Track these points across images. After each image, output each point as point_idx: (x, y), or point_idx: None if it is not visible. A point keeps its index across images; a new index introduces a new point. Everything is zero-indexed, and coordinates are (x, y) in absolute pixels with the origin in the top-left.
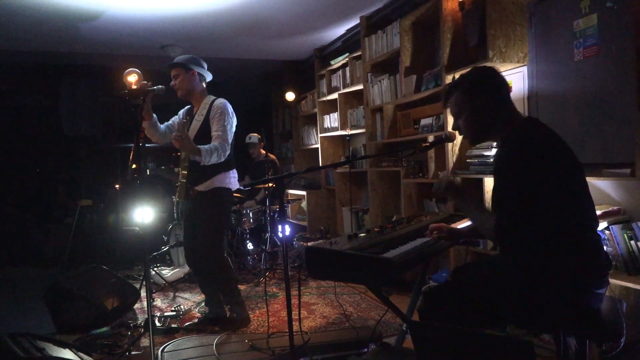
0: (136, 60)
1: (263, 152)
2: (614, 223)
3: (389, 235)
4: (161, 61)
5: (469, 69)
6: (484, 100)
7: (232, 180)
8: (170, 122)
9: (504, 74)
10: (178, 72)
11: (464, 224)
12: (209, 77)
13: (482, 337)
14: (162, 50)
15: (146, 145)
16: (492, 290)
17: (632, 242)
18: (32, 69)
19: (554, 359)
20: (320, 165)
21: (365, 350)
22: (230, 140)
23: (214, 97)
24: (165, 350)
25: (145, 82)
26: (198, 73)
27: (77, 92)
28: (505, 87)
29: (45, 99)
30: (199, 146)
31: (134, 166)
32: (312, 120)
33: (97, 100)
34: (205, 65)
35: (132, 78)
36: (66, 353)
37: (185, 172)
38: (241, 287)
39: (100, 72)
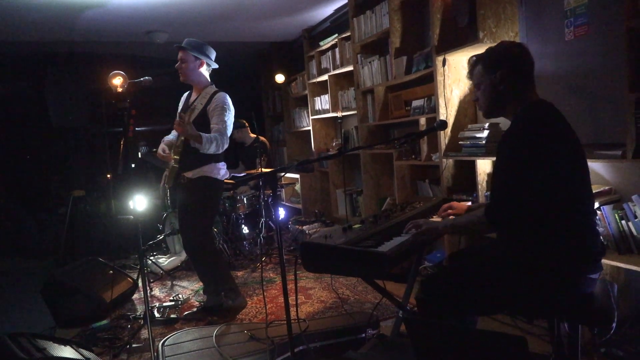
0: (121, 47)
1: (253, 135)
2: (605, 203)
3: (383, 226)
4: (147, 47)
5: (493, 45)
6: (499, 75)
7: (221, 171)
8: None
9: None
10: (186, 57)
11: None
12: (214, 66)
13: (477, 332)
14: (147, 36)
15: (136, 129)
16: (487, 278)
17: (623, 221)
18: (16, 58)
19: (546, 336)
20: (313, 148)
21: (363, 335)
22: (229, 135)
23: (216, 89)
24: (165, 344)
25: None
26: (206, 63)
27: (62, 81)
28: (527, 65)
29: (31, 89)
30: (201, 133)
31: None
32: (303, 102)
33: (83, 89)
34: (214, 55)
35: (117, 81)
36: (67, 351)
37: (178, 157)
38: (238, 273)
39: (85, 60)
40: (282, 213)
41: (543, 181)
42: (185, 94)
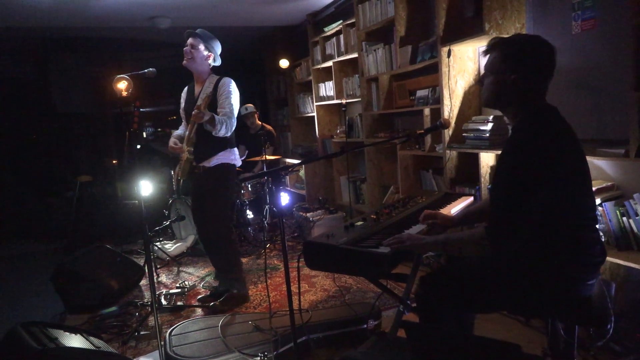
0: (124, 32)
1: (259, 122)
2: (607, 200)
3: (385, 223)
4: (149, 33)
5: (523, 34)
6: (514, 74)
7: (236, 156)
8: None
9: None
10: (197, 44)
11: (458, 206)
12: (217, 62)
13: (472, 338)
14: (150, 22)
15: (141, 110)
16: (486, 278)
17: (624, 218)
18: (20, 44)
19: (544, 328)
20: (317, 134)
21: (365, 326)
22: (235, 117)
23: (219, 76)
24: (172, 333)
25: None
26: (213, 57)
27: (66, 66)
28: (545, 68)
29: (35, 75)
30: (213, 114)
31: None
32: (307, 88)
33: (87, 74)
34: (220, 51)
35: (122, 85)
36: (77, 339)
37: (192, 149)
38: (243, 259)
39: (88, 45)
40: (286, 199)
41: (544, 198)
42: (186, 89)
